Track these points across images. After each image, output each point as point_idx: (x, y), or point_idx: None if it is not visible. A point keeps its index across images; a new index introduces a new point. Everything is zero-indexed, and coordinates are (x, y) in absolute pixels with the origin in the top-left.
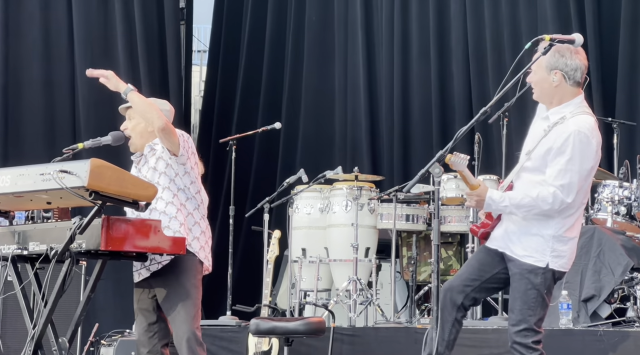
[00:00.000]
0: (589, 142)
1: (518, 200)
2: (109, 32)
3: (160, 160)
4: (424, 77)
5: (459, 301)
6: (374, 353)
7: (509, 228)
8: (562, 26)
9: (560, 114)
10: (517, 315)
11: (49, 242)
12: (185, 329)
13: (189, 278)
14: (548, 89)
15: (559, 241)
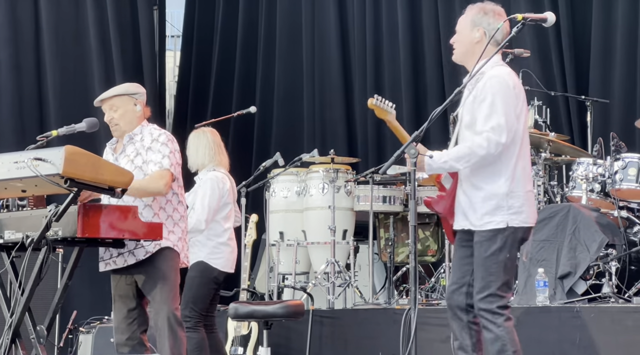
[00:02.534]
0: (506, 84)
1: (455, 153)
2: (79, 17)
3: (138, 157)
4: (396, 58)
5: (463, 303)
6: (353, 335)
7: (462, 202)
8: (534, 4)
9: (479, 73)
10: (480, 282)
11: (24, 231)
12: (165, 309)
13: (167, 261)
14: (469, 46)
15: (512, 197)
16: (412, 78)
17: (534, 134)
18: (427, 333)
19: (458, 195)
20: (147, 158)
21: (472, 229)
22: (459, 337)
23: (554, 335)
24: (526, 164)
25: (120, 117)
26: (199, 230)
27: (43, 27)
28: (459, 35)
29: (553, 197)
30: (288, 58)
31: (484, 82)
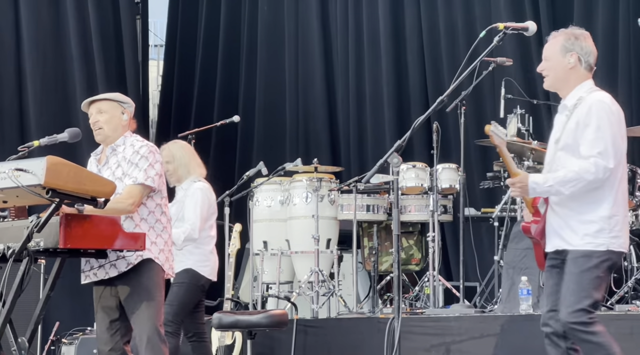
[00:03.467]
0: (610, 110)
1: (561, 177)
2: (60, 26)
3: (119, 168)
4: (379, 68)
5: (560, 330)
6: (337, 344)
7: (554, 223)
8: (516, 14)
9: (575, 97)
10: (571, 296)
11: (5, 241)
12: (148, 327)
13: (151, 277)
14: (562, 72)
15: (613, 221)
16: (394, 87)
17: (517, 143)
18: (410, 342)
19: (549, 217)
20: (126, 171)
21: (569, 248)
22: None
23: (538, 342)
24: (625, 187)
25: (105, 122)
26: (192, 239)
27: (23, 35)
28: (549, 62)
29: None
30: (270, 68)
31: (587, 107)
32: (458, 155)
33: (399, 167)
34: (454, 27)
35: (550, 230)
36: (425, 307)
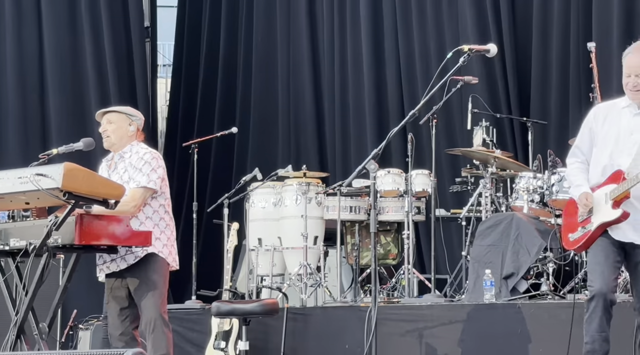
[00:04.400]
0: None
1: None
2: (79, 48)
3: (126, 173)
4: (361, 85)
5: (615, 301)
6: (323, 330)
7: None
8: (481, 37)
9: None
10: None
11: (28, 238)
12: (153, 313)
13: (156, 270)
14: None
15: None
16: (374, 103)
17: (482, 152)
18: (388, 328)
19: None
20: (132, 175)
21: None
22: (605, 329)
23: (500, 328)
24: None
25: (112, 131)
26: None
27: (46, 57)
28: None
29: (498, 206)
30: (264, 85)
31: None
32: (430, 162)
33: (375, 172)
34: (427, 50)
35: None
36: (401, 297)
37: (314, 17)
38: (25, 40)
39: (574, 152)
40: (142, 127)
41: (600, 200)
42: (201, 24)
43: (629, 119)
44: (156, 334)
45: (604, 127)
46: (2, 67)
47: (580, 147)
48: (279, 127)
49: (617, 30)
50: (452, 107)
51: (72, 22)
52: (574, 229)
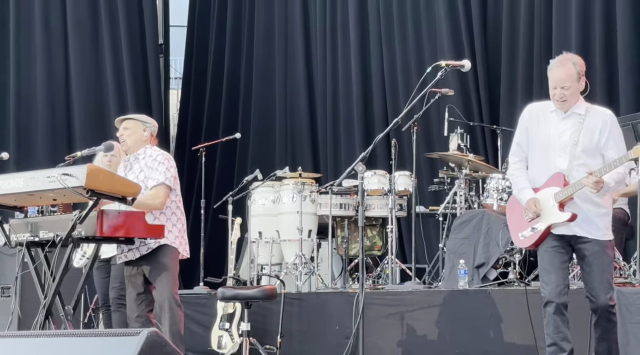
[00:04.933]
0: (617, 122)
1: (616, 178)
2: (100, 63)
3: (142, 172)
4: (351, 96)
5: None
6: (316, 313)
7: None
8: (456, 54)
9: (582, 108)
10: (607, 285)
11: (55, 231)
12: (167, 294)
13: (168, 257)
14: (577, 94)
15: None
16: (362, 112)
17: (457, 155)
18: (373, 311)
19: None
20: (148, 175)
21: (590, 237)
22: (562, 330)
23: (472, 311)
24: None
25: (128, 136)
26: None
27: (72, 71)
28: (570, 90)
29: (471, 204)
30: (264, 95)
31: (603, 117)
32: (411, 164)
33: (362, 173)
34: (408, 65)
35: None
36: (385, 284)
37: (309, 35)
38: (53, 57)
39: (515, 150)
40: (156, 133)
41: (545, 202)
42: (208, 42)
43: (557, 122)
44: (170, 311)
45: (538, 128)
46: (34, 81)
47: (521, 144)
48: (276, 133)
49: (574, 50)
50: (430, 115)
51: (94, 41)
52: (524, 228)
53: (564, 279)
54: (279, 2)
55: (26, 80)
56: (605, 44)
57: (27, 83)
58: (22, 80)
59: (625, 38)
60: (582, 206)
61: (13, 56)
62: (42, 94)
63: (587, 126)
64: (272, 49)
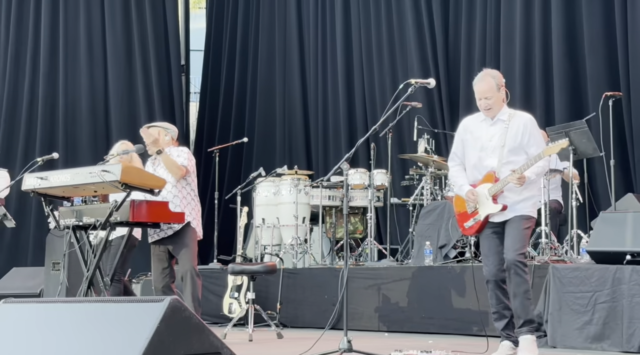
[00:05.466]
0: (536, 122)
1: (537, 171)
2: (132, 82)
3: None
4: (338, 106)
5: (504, 277)
6: (309, 284)
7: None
8: (423, 74)
9: (505, 114)
10: (517, 244)
11: (96, 216)
12: (188, 266)
13: (189, 236)
14: (500, 102)
15: (538, 196)
16: (346, 120)
17: (424, 157)
18: (355, 283)
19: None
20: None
21: (514, 215)
22: (502, 301)
23: (436, 284)
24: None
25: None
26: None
27: (110, 87)
28: (492, 99)
29: (435, 196)
30: (266, 107)
31: (524, 120)
32: (387, 164)
33: (347, 171)
34: (384, 83)
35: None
36: (365, 261)
37: (303, 59)
38: (95, 75)
39: (452, 157)
40: (176, 137)
41: (482, 196)
42: (221, 64)
43: (487, 128)
44: (191, 280)
45: (473, 136)
46: (79, 95)
47: (456, 153)
48: (276, 138)
49: (518, 70)
50: (402, 124)
51: (128, 62)
52: (467, 219)
53: (500, 259)
54: (280, 31)
55: (72, 94)
56: (543, 65)
57: (73, 96)
58: (69, 94)
59: (559, 60)
60: (510, 196)
61: (62, 74)
62: (86, 106)
63: (511, 130)
64: (273, 69)
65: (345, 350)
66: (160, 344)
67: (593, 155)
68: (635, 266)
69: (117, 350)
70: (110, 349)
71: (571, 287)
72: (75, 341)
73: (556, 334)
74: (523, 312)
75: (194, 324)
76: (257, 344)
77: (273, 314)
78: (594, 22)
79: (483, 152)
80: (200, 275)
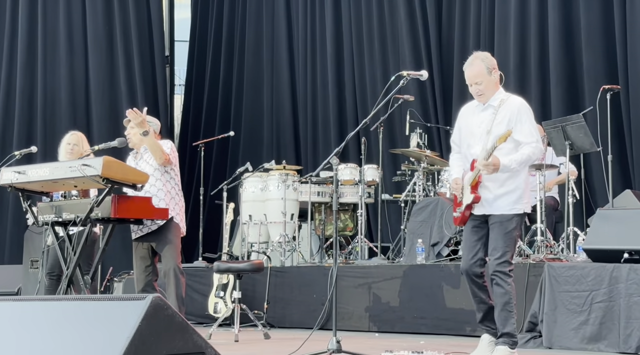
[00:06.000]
0: (529, 108)
1: (519, 159)
2: (115, 73)
3: (152, 159)
4: (327, 100)
5: (478, 271)
6: (297, 283)
7: (489, 196)
8: (416, 66)
9: (498, 99)
10: (498, 251)
11: (76, 212)
12: (172, 263)
13: (172, 232)
14: (492, 86)
15: (526, 191)
16: (337, 114)
17: (416, 151)
18: (345, 282)
19: (480, 191)
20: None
21: (496, 213)
22: (478, 295)
23: (428, 282)
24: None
25: (134, 134)
26: None
27: (91, 78)
28: (482, 84)
29: (428, 192)
30: (253, 100)
31: (514, 106)
32: (378, 159)
33: (337, 166)
34: (375, 75)
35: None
36: (355, 259)
37: (292, 49)
38: (75, 66)
39: (452, 146)
40: (159, 130)
41: (465, 186)
42: (206, 55)
43: (479, 114)
44: (174, 278)
45: (467, 123)
46: (58, 85)
47: (454, 141)
48: (264, 131)
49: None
50: (394, 118)
51: (110, 52)
52: (456, 208)
53: (477, 253)
54: (267, 20)
55: (51, 85)
56: (539, 57)
57: (52, 88)
58: (48, 85)
59: (556, 51)
60: (490, 186)
61: (40, 65)
62: (65, 98)
63: (500, 116)
64: (261, 61)
65: (334, 351)
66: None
67: (590, 150)
68: (632, 265)
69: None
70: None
71: (567, 286)
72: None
73: (552, 335)
74: (501, 324)
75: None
76: (243, 345)
77: (260, 314)
78: (591, 13)
79: (472, 138)
80: (184, 273)
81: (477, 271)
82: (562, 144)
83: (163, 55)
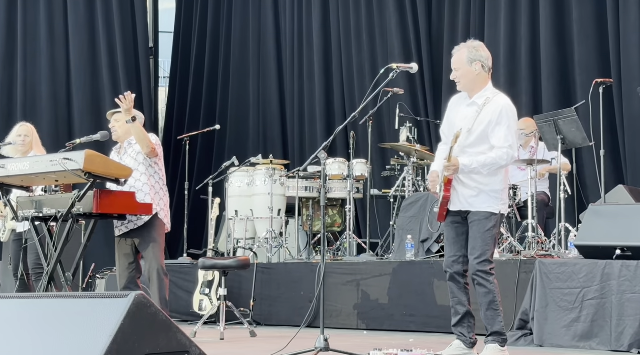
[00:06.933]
0: (514, 112)
1: (483, 161)
2: (97, 64)
3: (139, 154)
4: (314, 93)
5: (460, 270)
6: (284, 280)
7: (465, 193)
8: (405, 58)
9: (483, 97)
10: (477, 250)
11: (57, 207)
12: (155, 263)
13: (156, 230)
14: (471, 78)
15: (503, 192)
16: (324, 107)
17: (406, 146)
18: (333, 279)
19: (459, 187)
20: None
21: (472, 209)
22: (456, 295)
23: (418, 279)
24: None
25: (119, 127)
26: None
27: (72, 70)
28: (459, 71)
29: (418, 187)
30: (239, 92)
31: (497, 107)
32: (367, 153)
33: (325, 160)
34: (363, 67)
35: (457, 196)
36: (344, 256)
37: (279, 41)
38: (56, 57)
39: (442, 137)
40: (143, 124)
41: (440, 181)
42: (191, 46)
43: (464, 108)
44: (157, 279)
45: (452, 114)
46: (39, 77)
47: (443, 131)
48: (250, 125)
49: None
50: (383, 111)
51: (92, 43)
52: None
53: (458, 250)
54: (254, 11)
55: (32, 78)
56: (530, 50)
57: (33, 81)
58: (28, 76)
59: (547, 44)
60: (467, 183)
61: (20, 57)
62: (46, 90)
63: (482, 116)
64: (247, 53)
65: (322, 349)
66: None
67: (582, 145)
68: (625, 261)
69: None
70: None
71: (558, 283)
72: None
73: (543, 332)
74: (489, 323)
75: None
76: (229, 343)
77: (246, 311)
78: (584, 5)
79: (452, 131)
80: (167, 273)
81: (458, 269)
82: (554, 138)
83: (147, 47)
